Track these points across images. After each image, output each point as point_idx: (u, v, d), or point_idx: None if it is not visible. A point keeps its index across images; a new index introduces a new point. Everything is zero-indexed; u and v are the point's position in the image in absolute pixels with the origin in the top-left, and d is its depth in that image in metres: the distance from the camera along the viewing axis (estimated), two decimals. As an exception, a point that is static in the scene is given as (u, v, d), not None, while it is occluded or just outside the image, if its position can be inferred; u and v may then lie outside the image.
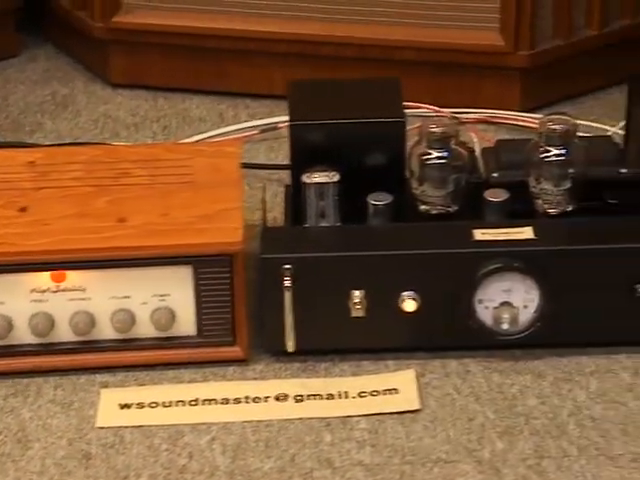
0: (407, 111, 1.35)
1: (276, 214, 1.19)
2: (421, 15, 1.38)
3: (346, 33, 1.40)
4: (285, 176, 1.21)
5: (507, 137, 1.34)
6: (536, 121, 1.21)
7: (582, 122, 1.36)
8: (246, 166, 1.25)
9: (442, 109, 1.37)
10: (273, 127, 1.36)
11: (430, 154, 1.06)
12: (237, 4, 1.41)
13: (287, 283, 1.02)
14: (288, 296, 1.02)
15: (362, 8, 1.40)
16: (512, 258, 1.02)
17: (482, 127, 1.38)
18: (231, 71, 1.44)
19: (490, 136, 1.33)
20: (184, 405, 1.01)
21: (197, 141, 1.35)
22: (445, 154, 1.06)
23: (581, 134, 1.29)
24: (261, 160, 1.34)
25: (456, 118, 1.36)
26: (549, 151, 1.06)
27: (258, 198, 1.19)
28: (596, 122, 1.36)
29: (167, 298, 1.03)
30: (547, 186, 1.06)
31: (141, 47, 1.43)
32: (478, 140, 1.32)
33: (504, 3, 1.35)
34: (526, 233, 1.03)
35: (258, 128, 1.37)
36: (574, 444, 0.97)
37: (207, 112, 1.43)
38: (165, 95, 1.46)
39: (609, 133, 1.30)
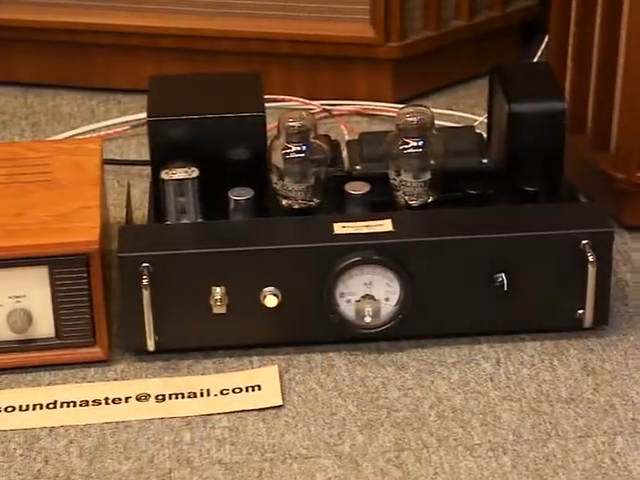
0: (278, 104, 1.35)
1: (145, 211, 1.18)
2: (292, 7, 1.37)
3: (220, 27, 1.38)
4: (155, 172, 1.20)
5: (379, 129, 1.33)
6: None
7: (452, 112, 1.37)
8: (107, 162, 1.23)
9: (315, 101, 1.37)
10: (144, 122, 1.34)
11: (289, 148, 1.05)
12: (106, -2, 1.39)
13: (145, 282, 1.00)
14: (146, 295, 1.00)
15: (236, 1, 1.38)
16: (371, 251, 1.01)
17: (356, 119, 1.38)
18: (102, 66, 1.42)
19: (362, 128, 1.33)
20: (42, 409, 0.99)
21: (67, 138, 1.33)
22: (303, 148, 1.05)
23: (448, 124, 1.30)
24: (132, 156, 1.32)
25: (327, 110, 1.36)
26: (407, 143, 1.05)
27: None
28: (466, 112, 1.37)
29: (23, 300, 1.01)
30: (407, 178, 1.06)
31: (8, 43, 1.40)
32: (348, 132, 1.32)
33: (374, -5, 1.35)
34: (385, 226, 1.03)
35: (129, 124, 1.36)
36: (434, 435, 0.97)
37: (78, 108, 1.41)
38: (35, 91, 1.43)
39: (476, 123, 1.31)
